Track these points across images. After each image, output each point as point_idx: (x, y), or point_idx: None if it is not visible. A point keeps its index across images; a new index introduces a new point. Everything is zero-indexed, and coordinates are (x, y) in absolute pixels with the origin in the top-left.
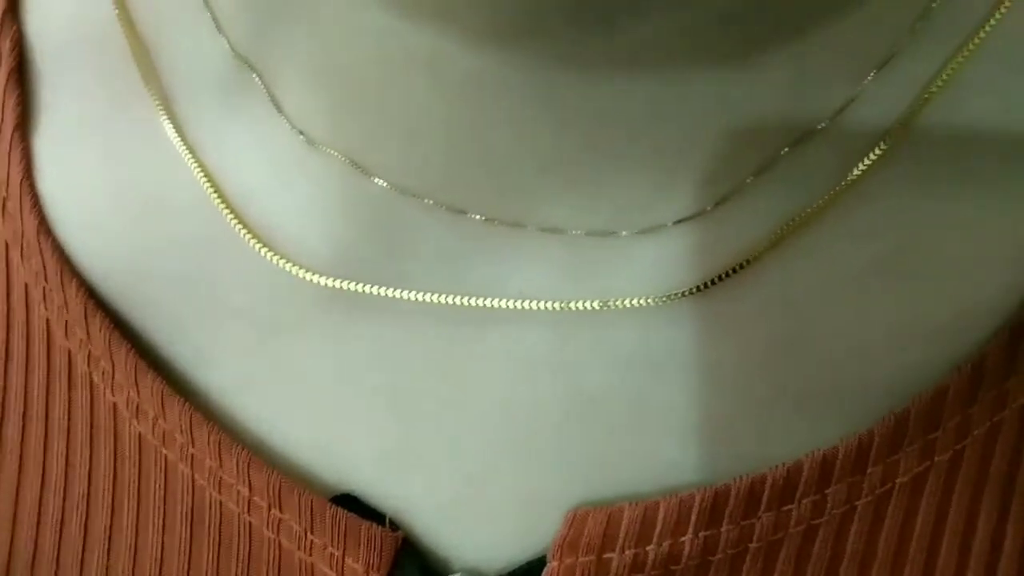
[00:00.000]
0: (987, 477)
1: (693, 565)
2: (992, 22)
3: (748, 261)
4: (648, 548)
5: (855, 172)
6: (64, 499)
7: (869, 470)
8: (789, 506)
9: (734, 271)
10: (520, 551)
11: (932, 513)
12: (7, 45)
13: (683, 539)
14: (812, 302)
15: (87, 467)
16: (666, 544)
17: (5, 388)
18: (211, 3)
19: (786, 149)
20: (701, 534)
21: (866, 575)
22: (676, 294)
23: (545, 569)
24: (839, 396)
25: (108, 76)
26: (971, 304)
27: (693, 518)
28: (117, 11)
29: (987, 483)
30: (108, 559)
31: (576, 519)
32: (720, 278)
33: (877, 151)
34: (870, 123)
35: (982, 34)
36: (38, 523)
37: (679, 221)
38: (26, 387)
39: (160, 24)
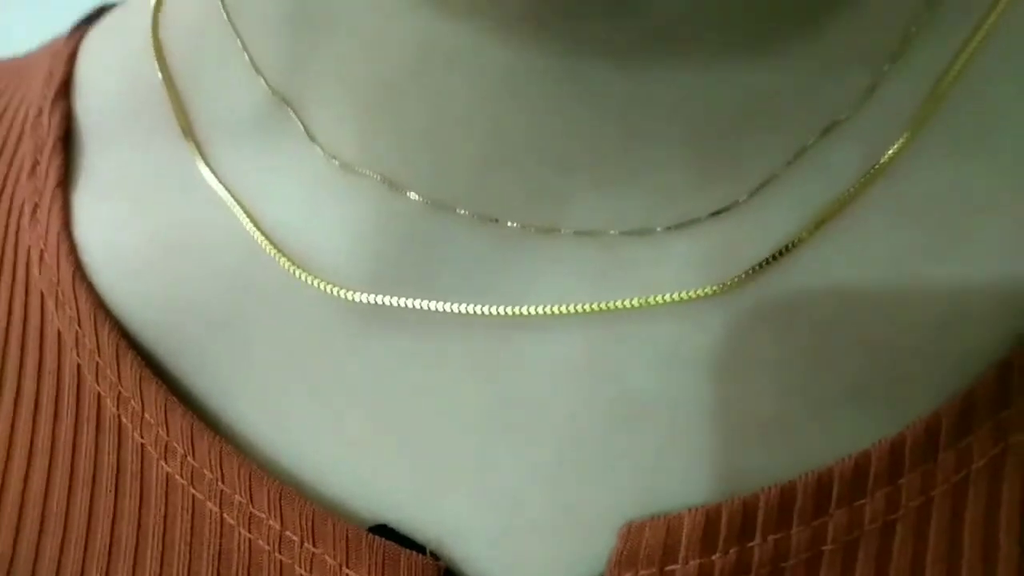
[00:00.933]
0: None
1: (765, 574)
2: (1002, 3)
3: (788, 248)
4: (714, 557)
5: (885, 157)
6: (85, 552)
7: (940, 456)
8: (862, 500)
9: (774, 258)
10: (571, 573)
11: (1017, 497)
12: (56, 119)
13: (751, 544)
14: (856, 288)
15: (111, 516)
16: (733, 552)
17: (33, 439)
18: (247, 44)
19: (814, 139)
20: (770, 538)
21: (955, 575)
22: (717, 286)
23: None
24: (896, 382)
25: (148, 133)
26: (1018, 280)
27: (760, 521)
28: (160, 74)
29: None
30: None
31: (632, 532)
32: (760, 267)
33: (903, 138)
34: (893, 110)
35: (993, 17)
36: None
37: (714, 213)
38: (53, 436)
39: (198, 74)
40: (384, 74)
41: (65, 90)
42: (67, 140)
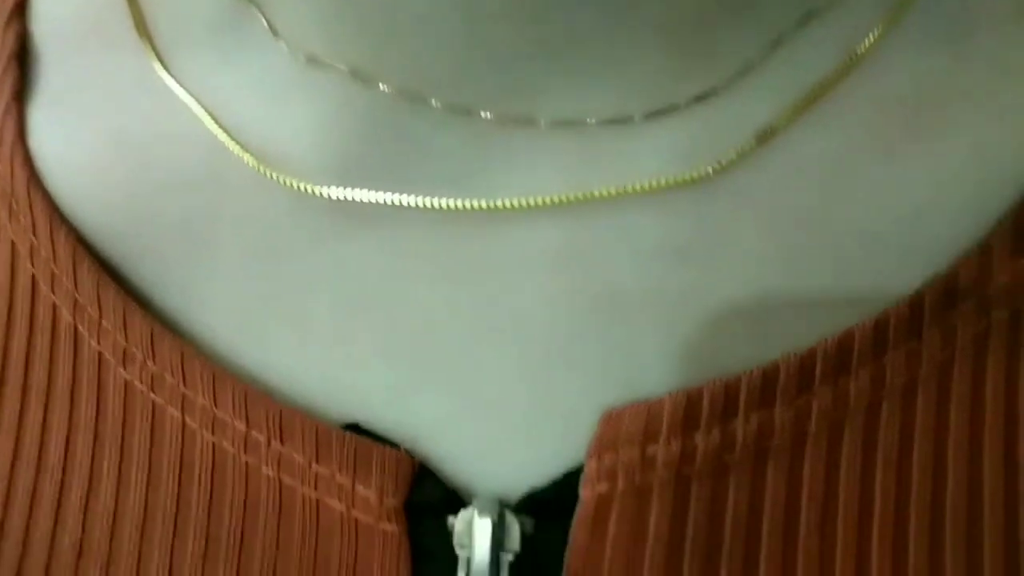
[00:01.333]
0: None
1: (749, 454)
2: None
3: (765, 136)
4: (696, 437)
5: (862, 47)
6: (38, 464)
7: (925, 334)
8: (846, 379)
9: (752, 147)
10: (551, 468)
11: (1002, 373)
12: (10, 37)
13: (734, 424)
14: (834, 175)
15: (66, 428)
16: (716, 431)
17: None
18: None
19: (791, 28)
20: (753, 417)
21: (942, 454)
22: (695, 175)
23: (582, 473)
24: (877, 267)
25: (106, 44)
26: (994, 167)
27: (743, 401)
28: None
29: None
30: (83, 531)
31: (612, 417)
32: (738, 155)
33: (878, 29)
34: (868, 1)
35: None
36: (7, 497)
37: (692, 101)
38: (4, 350)
39: None
40: None
41: (20, 11)
42: (22, 58)
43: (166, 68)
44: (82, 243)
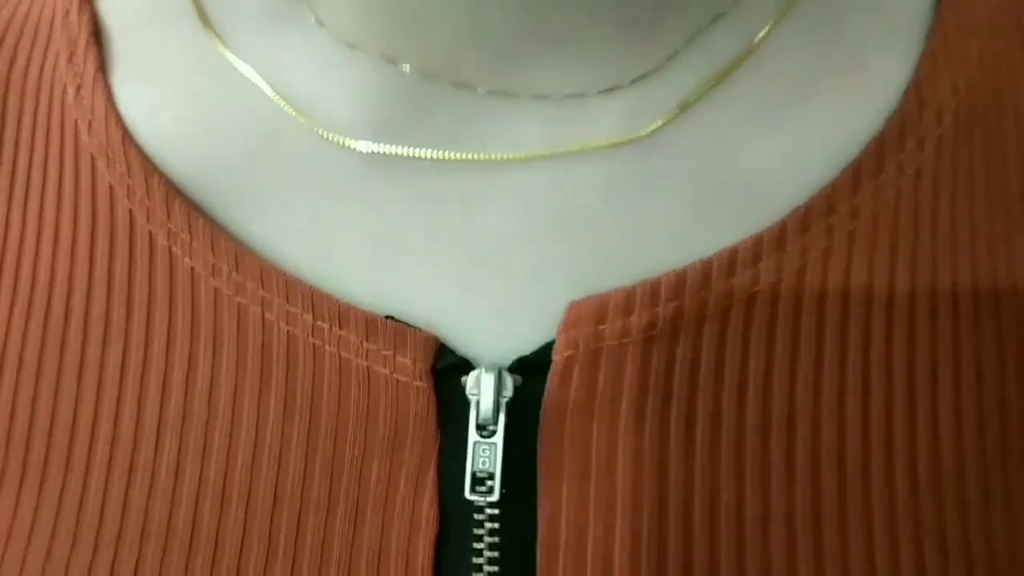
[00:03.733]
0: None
1: (667, 329)
2: None
3: (684, 106)
4: (631, 318)
5: (756, 40)
6: (145, 357)
7: (788, 247)
8: (732, 278)
9: (675, 115)
10: (533, 342)
11: (841, 277)
12: (85, 19)
13: (657, 309)
14: (734, 134)
15: (165, 331)
16: (645, 314)
17: (91, 274)
18: None
19: (706, 25)
20: (670, 304)
21: (798, 334)
22: (635, 136)
23: (555, 344)
24: (761, 199)
25: (172, 26)
26: (851, 131)
27: (663, 294)
28: None
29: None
30: (185, 400)
31: (574, 306)
32: (666, 122)
33: (768, 26)
34: (763, 4)
35: None
36: (120, 377)
37: (634, 81)
38: (110, 271)
39: None
40: None
41: None
42: (96, 36)
43: (225, 45)
44: (171, 186)
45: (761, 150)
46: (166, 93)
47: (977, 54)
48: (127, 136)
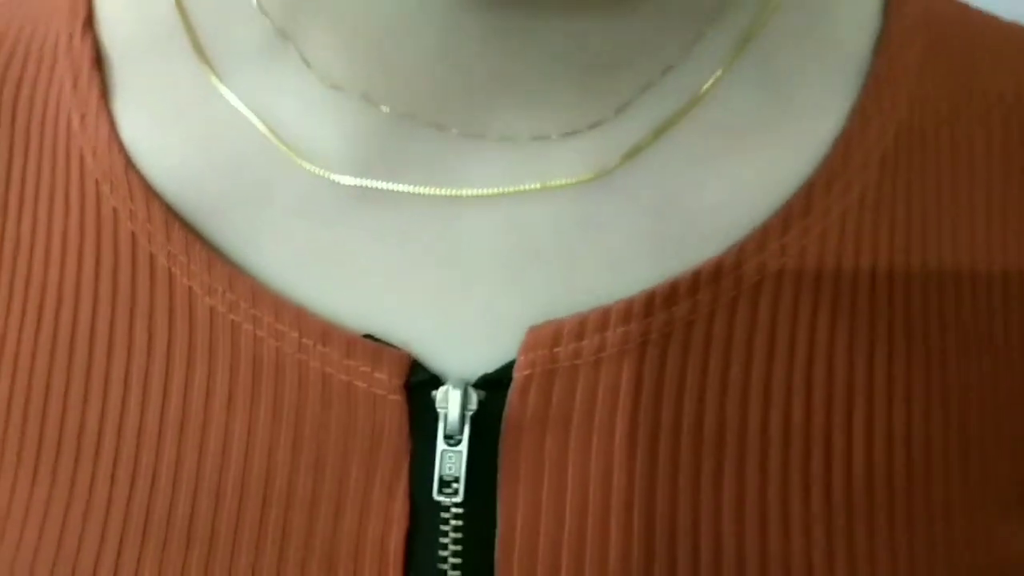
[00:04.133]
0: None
1: (615, 352)
2: None
3: (635, 150)
4: (583, 342)
5: (702, 90)
6: (147, 367)
7: (723, 281)
8: (673, 308)
9: (627, 158)
10: (496, 360)
11: (751, 312)
12: (87, 45)
13: (606, 334)
14: (680, 175)
15: (165, 343)
16: (596, 338)
17: (97, 290)
18: None
19: (657, 76)
20: (619, 330)
21: (729, 357)
22: (591, 175)
23: (515, 363)
24: (697, 237)
25: (170, 58)
26: (780, 179)
27: (612, 320)
28: (179, 14)
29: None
30: (184, 405)
31: (533, 330)
32: (619, 163)
33: (713, 79)
34: (709, 58)
35: None
36: (125, 386)
37: (592, 126)
38: (115, 284)
39: (210, 10)
40: (366, 21)
41: (89, 22)
42: (99, 63)
43: (220, 79)
44: (170, 210)
45: (705, 191)
46: (164, 123)
47: (907, 100)
48: (129, 163)
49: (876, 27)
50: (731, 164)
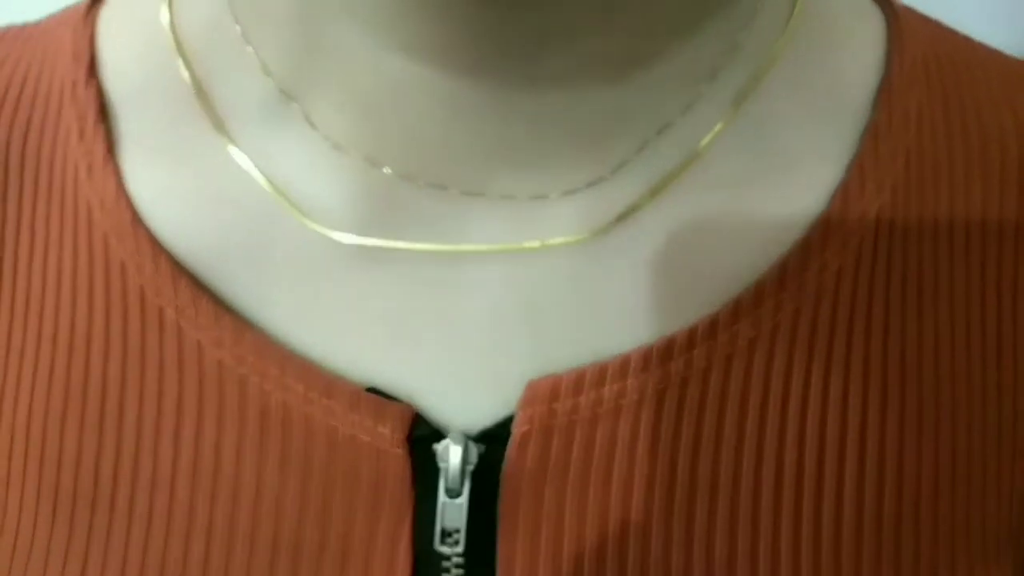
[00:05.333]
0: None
1: (612, 407)
2: (781, 42)
3: (633, 210)
4: (580, 397)
5: (700, 146)
6: (158, 416)
7: (719, 337)
8: (669, 364)
9: (624, 216)
10: (496, 415)
11: (764, 364)
12: (92, 94)
13: (603, 389)
14: (676, 235)
15: (176, 395)
16: (592, 393)
17: (108, 344)
18: (257, 49)
19: (653, 136)
20: (615, 385)
21: (723, 412)
22: (588, 234)
23: (514, 419)
24: (690, 290)
25: (171, 106)
26: (776, 235)
27: (609, 376)
28: (184, 70)
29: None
30: (195, 456)
31: (532, 385)
32: (616, 221)
33: (709, 136)
34: (705, 118)
35: (776, 50)
36: (137, 432)
37: (590, 184)
38: (125, 336)
39: (214, 68)
40: (369, 87)
41: (92, 69)
42: (103, 112)
43: (224, 134)
44: (177, 265)
45: (702, 248)
46: (169, 176)
47: (904, 153)
48: (136, 217)
49: (878, 75)
50: (729, 220)
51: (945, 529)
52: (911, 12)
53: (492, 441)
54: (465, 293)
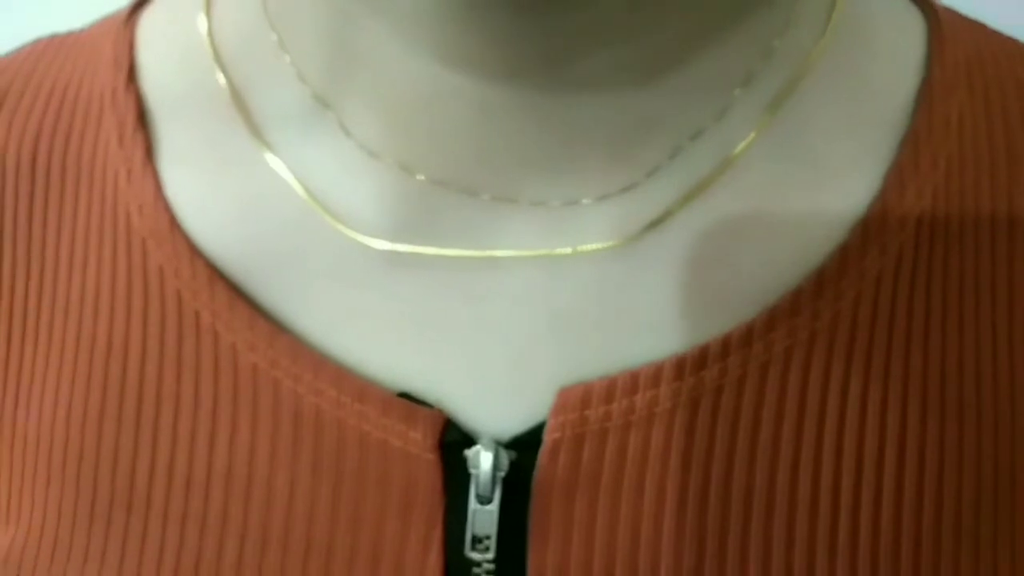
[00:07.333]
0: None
1: (644, 415)
2: (818, 48)
3: (666, 215)
4: (612, 405)
5: (733, 153)
6: (195, 417)
7: (754, 345)
8: (703, 371)
9: (658, 222)
10: (528, 422)
11: (802, 365)
12: (131, 100)
13: (635, 397)
14: (709, 242)
15: (211, 398)
16: (624, 401)
17: (145, 347)
18: (292, 58)
19: (687, 142)
20: (648, 393)
21: (759, 422)
22: (621, 240)
23: (546, 425)
24: (736, 298)
25: (212, 119)
26: (811, 244)
27: (641, 383)
28: (222, 77)
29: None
30: (230, 459)
31: (564, 392)
32: (650, 227)
33: (744, 142)
34: (739, 123)
35: (813, 56)
36: (174, 432)
37: (623, 190)
38: (162, 339)
39: (251, 75)
40: (402, 94)
41: (132, 75)
42: (142, 118)
43: (260, 140)
44: (214, 269)
45: (736, 255)
46: (207, 181)
47: (945, 160)
48: (174, 222)
49: (918, 78)
50: (763, 227)
51: (986, 545)
52: (951, 13)
53: (523, 448)
54: (497, 299)
